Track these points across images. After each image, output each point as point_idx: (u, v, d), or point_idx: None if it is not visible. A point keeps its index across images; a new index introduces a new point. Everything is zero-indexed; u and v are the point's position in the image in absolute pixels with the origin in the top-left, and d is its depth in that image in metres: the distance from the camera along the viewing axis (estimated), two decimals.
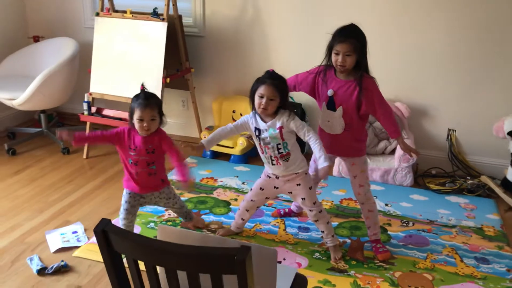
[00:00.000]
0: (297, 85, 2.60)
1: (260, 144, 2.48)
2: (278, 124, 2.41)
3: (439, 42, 3.46)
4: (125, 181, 2.53)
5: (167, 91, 4.02)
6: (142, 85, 2.44)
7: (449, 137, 3.61)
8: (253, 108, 2.46)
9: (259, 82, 2.41)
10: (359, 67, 2.44)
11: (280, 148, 2.44)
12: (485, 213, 3.14)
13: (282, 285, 1.64)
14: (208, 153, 3.87)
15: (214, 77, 4.08)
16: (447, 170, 3.59)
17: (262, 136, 2.45)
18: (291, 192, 2.58)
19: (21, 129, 4.18)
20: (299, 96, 3.39)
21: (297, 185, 2.53)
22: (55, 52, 3.95)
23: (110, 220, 1.22)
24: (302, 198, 2.55)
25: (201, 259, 1.12)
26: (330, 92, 2.48)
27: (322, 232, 2.62)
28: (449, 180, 3.48)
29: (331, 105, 2.49)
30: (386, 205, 3.21)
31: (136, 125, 2.36)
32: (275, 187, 2.58)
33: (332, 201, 3.24)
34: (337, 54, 2.40)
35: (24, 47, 4.14)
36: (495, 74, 3.42)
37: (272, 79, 2.38)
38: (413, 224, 2.99)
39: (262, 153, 2.51)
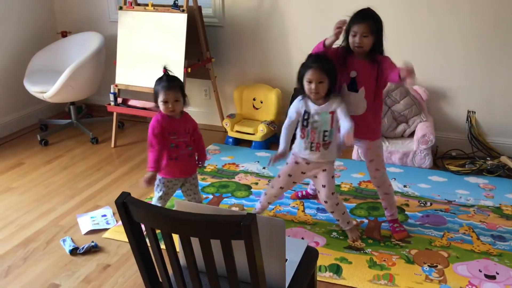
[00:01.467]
0: None
1: (305, 128, 2.49)
2: (331, 108, 2.45)
3: (458, 23, 3.46)
4: (162, 169, 2.54)
5: (190, 81, 4.16)
6: (164, 68, 2.49)
7: (469, 119, 3.62)
8: (302, 92, 2.48)
9: (305, 67, 2.43)
10: (375, 50, 2.49)
11: (326, 136, 2.47)
12: (504, 192, 3.15)
13: (293, 256, 1.74)
14: (231, 140, 3.98)
15: (235, 66, 4.18)
16: (467, 152, 3.61)
17: (312, 119, 2.46)
18: (316, 177, 2.62)
19: (53, 121, 4.38)
20: None
21: (323, 170, 2.57)
22: (82, 46, 4.12)
23: (129, 193, 1.34)
24: (322, 185, 2.59)
25: (210, 225, 1.23)
26: (353, 74, 2.52)
27: (337, 220, 2.70)
28: (469, 162, 3.50)
29: (353, 86, 2.53)
30: (405, 186, 3.26)
31: (161, 107, 2.45)
32: (302, 172, 2.63)
33: (351, 184, 3.31)
34: (354, 35, 2.45)
35: (52, 43, 4.33)
36: None
37: (317, 62, 2.39)
38: (431, 204, 3.03)
39: (303, 137, 2.51)
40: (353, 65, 2.53)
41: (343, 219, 2.68)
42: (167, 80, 2.44)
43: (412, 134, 3.62)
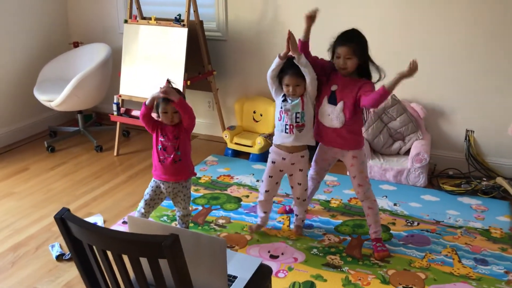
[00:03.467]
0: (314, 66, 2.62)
1: (280, 110, 2.64)
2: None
3: (457, 41, 3.43)
4: (153, 171, 2.69)
5: (194, 93, 4.25)
6: (168, 80, 2.58)
7: (467, 138, 3.57)
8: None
9: (282, 71, 2.60)
10: (361, 69, 2.56)
11: (298, 117, 2.61)
12: (496, 215, 3.10)
13: (243, 274, 1.77)
14: (230, 151, 4.04)
15: (237, 79, 4.25)
16: (464, 171, 3.55)
17: (286, 104, 2.61)
18: (292, 175, 2.76)
19: (62, 128, 4.54)
20: None
21: (300, 170, 2.72)
22: (91, 57, 4.27)
23: (68, 209, 1.41)
24: (298, 183, 2.74)
25: (136, 245, 1.29)
26: (333, 87, 2.60)
27: (296, 215, 2.92)
28: (465, 181, 3.45)
29: (333, 99, 2.60)
30: (395, 204, 3.24)
31: (162, 117, 2.59)
32: (280, 170, 2.75)
33: (341, 200, 3.31)
34: (338, 57, 2.54)
35: (64, 53, 4.50)
36: None
37: (294, 67, 2.56)
38: (418, 224, 3.01)
39: (279, 120, 2.65)
40: (336, 80, 2.61)
41: (302, 215, 2.91)
42: None
43: (408, 152, 3.60)
